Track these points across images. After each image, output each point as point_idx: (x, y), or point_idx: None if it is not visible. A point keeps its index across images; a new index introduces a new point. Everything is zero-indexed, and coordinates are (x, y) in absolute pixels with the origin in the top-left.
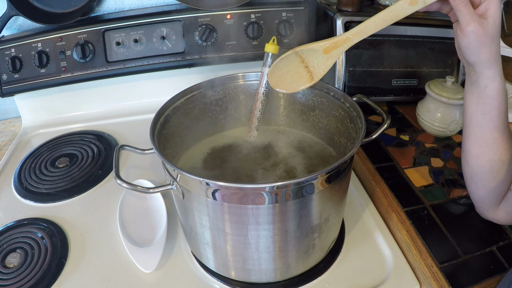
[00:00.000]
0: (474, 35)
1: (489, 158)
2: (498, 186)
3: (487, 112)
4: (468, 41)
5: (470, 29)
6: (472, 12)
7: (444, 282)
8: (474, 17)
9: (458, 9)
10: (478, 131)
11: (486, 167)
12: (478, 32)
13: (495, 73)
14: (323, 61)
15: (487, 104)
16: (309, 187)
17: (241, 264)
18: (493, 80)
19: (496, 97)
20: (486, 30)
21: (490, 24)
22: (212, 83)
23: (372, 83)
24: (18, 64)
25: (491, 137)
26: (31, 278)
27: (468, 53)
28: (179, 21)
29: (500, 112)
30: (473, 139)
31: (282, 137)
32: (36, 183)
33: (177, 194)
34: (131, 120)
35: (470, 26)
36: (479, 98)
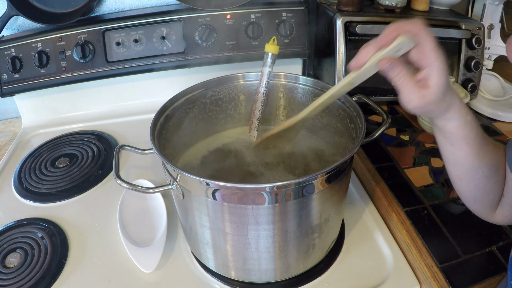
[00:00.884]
0: (416, 109)
1: (471, 178)
2: (488, 198)
3: (454, 143)
4: (412, 111)
5: (410, 106)
6: (411, 88)
7: (444, 282)
8: (413, 93)
9: (396, 85)
10: (452, 158)
11: (471, 186)
12: (419, 106)
13: (449, 116)
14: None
15: (452, 138)
16: (309, 187)
17: (241, 264)
18: (449, 120)
19: (458, 131)
20: (427, 102)
21: (432, 93)
22: (212, 83)
23: (372, 83)
24: (18, 64)
25: (467, 162)
26: (31, 278)
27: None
28: (179, 21)
29: (468, 140)
30: (451, 164)
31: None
32: (36, 183)
33: (177, 194)
34: (131, 120)
35: (410, 104)
36: (442, 134)
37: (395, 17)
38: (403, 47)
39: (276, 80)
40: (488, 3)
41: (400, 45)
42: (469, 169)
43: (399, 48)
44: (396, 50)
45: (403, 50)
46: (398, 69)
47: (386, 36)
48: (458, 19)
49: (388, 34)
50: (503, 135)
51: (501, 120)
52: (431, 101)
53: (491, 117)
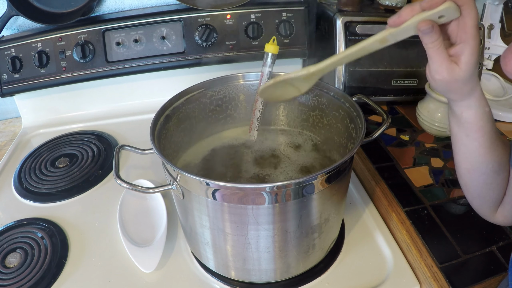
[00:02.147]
0: (440, 83)
1: (481, 172)
2: (493, 195)
3: (469, 134)
4: (435, 86)
5: (438, 77)
6: (443, 58)
7: (444, 282)
8: (444, 65)
9: (429, 52)
10: (464, 149)
11: (479, 180)
12: (446, 80)
13: (469, 103)
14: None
15: (468, 128)
16: (309, 187)
17: (241, 264)
18: (469, 108)
19: (476, 121)
20: (455, 78)
21: (462, 70)
22: (212, 83)
23: (372, 83)
24: (18, 64)
25: (479, 154)
26: (31, 278)
27: (437, 91)
28: (179, 21)
29: (483, 132)
30: (461, 156)
31: (282, 137)
32: (36, 183)
33: (177, 194)
34: (131, 120)
35: (438, 75)
36: (458, 122)
37: None
38: (448, 14)
39: None
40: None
41: (446, 11)
42: (480, 162)
43: (443, 14)
44: (439, 15)
45: (447, 18)
46: (436, 35)
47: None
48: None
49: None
50: (503, 135)
51: (501, 120)
52: (458, 78)
53: None
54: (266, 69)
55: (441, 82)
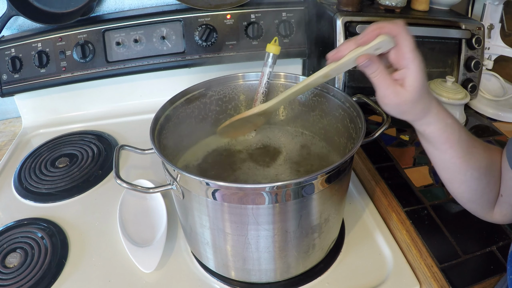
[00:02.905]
0: (391, 107)
1: (461, 180)
2: (483, 198)
3: (438, 147)
4: (388, 110)
5: (386, 102)
6: (387, 84)
7: (444, 282)
8: (389, 89)
9: (373, 81)
10: (439, 162)
11: (461, 188)
12: (394, 104)
13: (428, 120)
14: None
15: (435, 142)
16: (309, 187)
17: (241, 264)
18: (428, 125)
19: (439, 135)
20: (403, 100)
21: (408, 92)
22: (212, 83)
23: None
24: (18, 64)
25: (453, 164)
26: (31, 278)
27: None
28: (179, 21)
29: (451, 143)
30: (438, 168)
31: (282, 137)
32: (36, 183)
33: (177, 194)
34: (131, 120)
35: (385, 99)
36: (424, 139)
37: (395, 17)
38: (382, 46)
39: (276, 80)
40: (488, 3)
41: (380, 44)
42: (458, 172)
43: (378, 47)
44: (375, 49)
45: (382, 49)
46: (375, 66)
47: (367, 34)
48: (458, 19)
49: (369, 32)
50: (503, 135)
51: (501, 120)
52: (406, 100)
53: (491, 117)
54: (267, 69)
55: (390, 106)
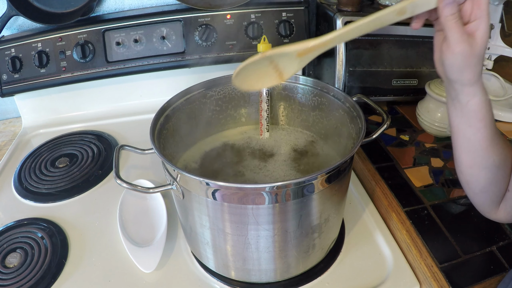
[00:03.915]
0: (461, 56)
1: (483, 166)
2: (495, 190)
3: (472, 125)
4: (454, 60)
5: (458, 50)
6: (462, 30)
7: (444, 282)
8: (464, 36)
9: (448, 25)
10: (466, 142)
11: (480, 175)
12: (466, 53)
13: (476, 89)
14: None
15: (471, 117)
16: (309, 187)
17: (241, 264)
18: (475, 96)
19: (479, 109)
20: (474, 51)
21: (479, 45)
22: (212, 83)
23: (372, 83)
24: (18, 64)
25: (481, 147)
26: (31, 278)
27: (451, 71)
28: (179, 21)
29: (485, 122)
30: (463, 151)
31: (282, 137)
32: (36, 183)
33: (177, 194)
34: (131, 120)
35: (459, 46)
36: (462, 112)
37: None
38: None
39: None
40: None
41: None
42: (482, 156)
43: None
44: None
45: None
46: (456, 7)
47: None
48: None
49: None
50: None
51: (501, 120)
52: (476, 52)
53: None
54: None
55: (461, 55)
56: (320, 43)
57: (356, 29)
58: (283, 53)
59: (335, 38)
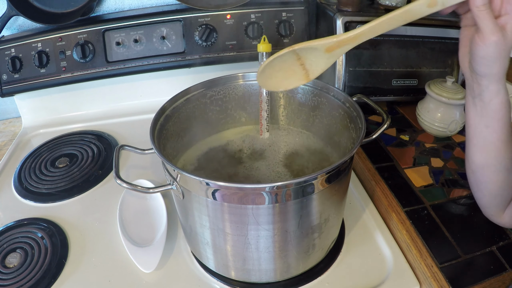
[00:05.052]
0: (495, 46)
1: (495, 168)
2: (504, 194)
3: (490, 125)
4: (487, 51)
5: (494, 39)
6: (495, 21)
7: (444, 282)
8: (497, 27)
9: (481, 16)
10: (482, 142)
11: (491, 177)
12: (500, 43)
13: (500, 88)
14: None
15: (491, 117)
16: (309, 187)
17: (241, 264)
18: (498, 94)
19: (500, 109)
20: (507, 42)
21: (510, 37)
22: (212, 83)
23: (372, 83)
24: (18, 64)
25: (495, 148)
26: (31, 278)
27: (482, 63)
28: (179, 21)
29: (503, 123)
30: (477, 150)
31: (282, 137)
32: (36, 183)
33: (177, 194)
34: (131, 120)
35: (494, 36)
36: (482, 111)
37: None
38: None
39: None
40: None
41: None
42: (495, 157)
43: None
44: None
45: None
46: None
47: None
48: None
49: None
50: None
51: None
52: (509, 43)
53: None
54: None
55: (495, 44)
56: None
57: (387, 22)
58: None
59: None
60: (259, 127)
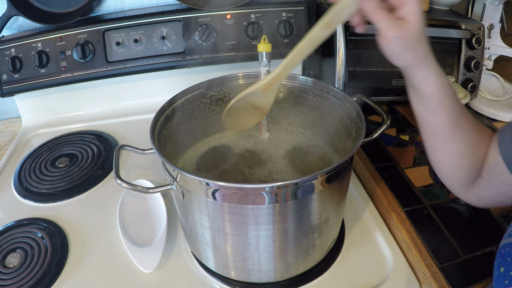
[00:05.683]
0: (397, 41)
1: (445, 150)
2: (461, 175)
3: (430, 110)
4: (392, 48)
5: (394, 35)
6: (390, 17)
7: (444, 282)
8: (394, 21)
9: (375, 18)
10: (428, 127)
11: (443, 159)
12: (402, 36)
13: (426, 73)
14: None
15: (428, 102)
16: (309, 187)
17: (241, 264)
18: (427, 79)
19: (436, 94)
20: (410, 33)
21: (413, 25)
22: (212, 83)
23: (372, 83)
24: (18, 64)
25: (442, 132)
26: (31, 278)
27: (394, 59)
28: (179, 21)
29: (444, 107)
30: (426, 134)
31: (282, 137)
32: (36, 183)
33: (177, 194)
34: (131, 120)
35: (393, 32)
36: (419, 97)
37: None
38: None
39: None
40: (488, 3)
41: None
42: (444, 140)
43: None
44: None
45: None
46: (375, 1)
47: None
48: (458, 19)
49: None
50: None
51: (501, 120)
52: (412, 34)
53: (491, 117)
54: (263, 68)
55: (396, 39)
56: (275, 76)
57: (297, 55)
58: (250, 93)
59: (284, 68)
60: (259, 127)
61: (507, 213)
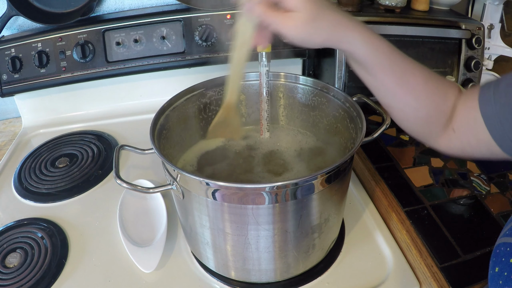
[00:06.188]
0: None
1: (397, 107)
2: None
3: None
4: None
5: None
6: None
7: (444, 282)
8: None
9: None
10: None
11: (399, 115)
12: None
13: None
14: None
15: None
16: (309, 187)
17: (241, 264)
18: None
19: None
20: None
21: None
22: (212, 83)
23: None
24: (18, 64)
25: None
26: (31, 278)
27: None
28: (179, 21)
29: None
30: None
31: (282, 137)
32: (36, 183)
33: (177, 194)
34: (131, 120)
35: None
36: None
37: (395, 17)
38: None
39: (276, 80)
40: (488, 3)
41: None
42: (393, 98)
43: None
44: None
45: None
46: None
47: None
48: (458, 19)
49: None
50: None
51: None
52: (304, 19)
53: None
54: (263, 68)
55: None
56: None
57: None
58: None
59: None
60: (259, 127)
61: (507, 213)
